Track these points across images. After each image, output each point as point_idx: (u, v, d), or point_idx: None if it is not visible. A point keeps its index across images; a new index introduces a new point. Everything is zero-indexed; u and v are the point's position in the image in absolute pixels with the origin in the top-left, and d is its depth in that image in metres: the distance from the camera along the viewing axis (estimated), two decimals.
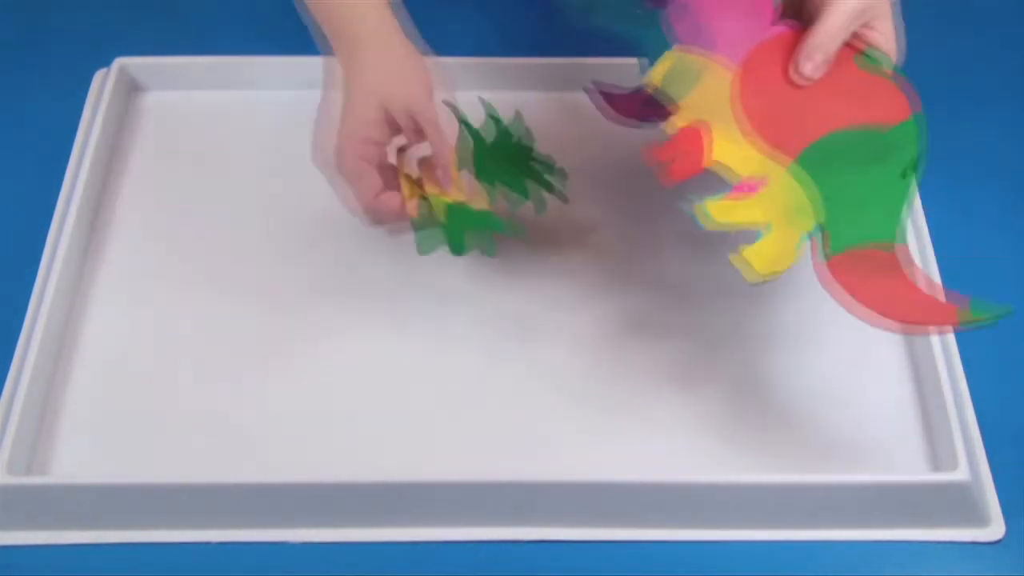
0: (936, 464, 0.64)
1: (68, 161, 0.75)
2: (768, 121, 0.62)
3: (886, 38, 0.62)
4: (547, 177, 0.69)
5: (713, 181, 0.61)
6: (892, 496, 0.62)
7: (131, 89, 0.81)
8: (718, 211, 0.60)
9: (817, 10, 0.61)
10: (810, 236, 0.60)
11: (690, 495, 0.62)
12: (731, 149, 0.61)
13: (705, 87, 0.63)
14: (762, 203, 0.60)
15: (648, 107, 0.64)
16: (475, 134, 0.67)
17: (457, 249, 0.66)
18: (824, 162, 0.61)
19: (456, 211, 0.65)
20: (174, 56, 0.81)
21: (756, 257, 0.59)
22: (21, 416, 0.63)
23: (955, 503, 0.63)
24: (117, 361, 0.69)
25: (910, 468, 0.65)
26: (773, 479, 0.62)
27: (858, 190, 0.61)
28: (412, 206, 0.65)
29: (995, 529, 0.63)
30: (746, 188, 0.61)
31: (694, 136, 0.62)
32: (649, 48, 0.65)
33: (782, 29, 0.63)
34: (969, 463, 0.62)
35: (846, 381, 0.68)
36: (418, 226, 0.66)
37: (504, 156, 0.68)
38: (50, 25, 0.87)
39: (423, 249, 0.67)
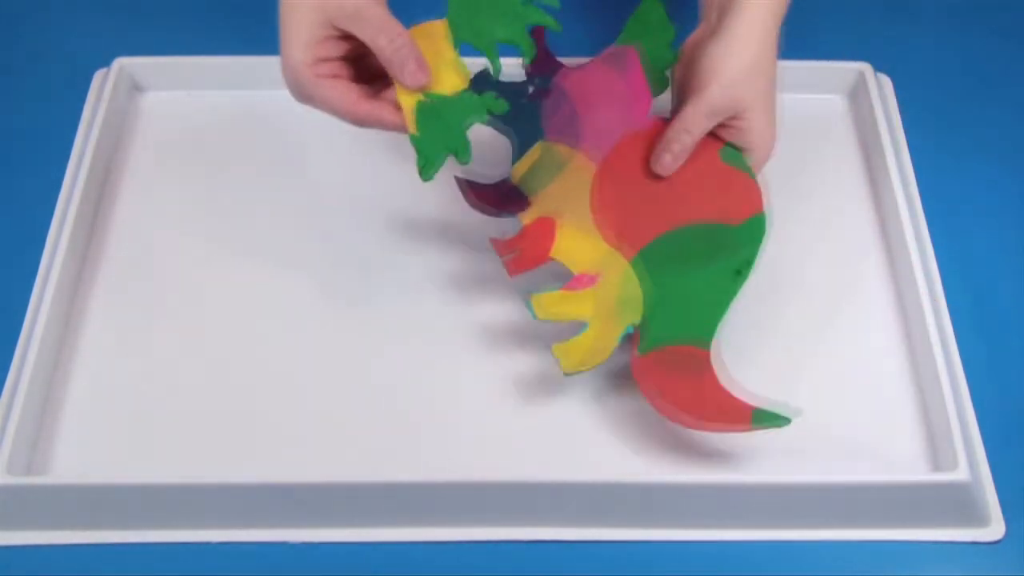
0: (936, 464, 0.64)
1: (68, 161, 0.75)
2: (621, 213, 0.63)
3: (756, 131, 0.62)
4: (537, 6, 0.63)
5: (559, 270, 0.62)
6: (892, 496, 0.62)
7: (131, 89, 0.81)
8: (549, 303, 0.61)
9: (683, 104, 0.62)
10: (632, 330, 0.61)
11: (689, 495, 0.62)
12: (578, 241, 0.63)
13: (566, 179, 0.64)
14: (592, 297, 0.62)
15: (509, 198, 0.65)
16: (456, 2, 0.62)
17: (429, 164, 0.61)
18: (665, 256, 0.62)
19: (428, 110, 0.60)
20: (174, 56, 0.81)
21: (565, 355, 0.60)
22: (21, 416, 0.63)
23: (955, 503, 0.63)
24: (117, 361, 0.69)
25: (910, 468, 0.65)
26: (774, 479, 0.62)
27: (690, 286, 0.62)
28: (408, 115, 0.61)
29: (995, 529, 0.63)
30: (583, 281, 0.62)
31: (544, 228, 0.63)
32: (525, 141, 0.65)
33: (652, 122, 0.63)
34: (969, 463, 0.62)
35: (846, 381, 0.68)
36: (417, 141, 0.61)
37: (494, 9, 0.63)
38: (50, 25, 0.87)
39: (425, 172, 0.61)
